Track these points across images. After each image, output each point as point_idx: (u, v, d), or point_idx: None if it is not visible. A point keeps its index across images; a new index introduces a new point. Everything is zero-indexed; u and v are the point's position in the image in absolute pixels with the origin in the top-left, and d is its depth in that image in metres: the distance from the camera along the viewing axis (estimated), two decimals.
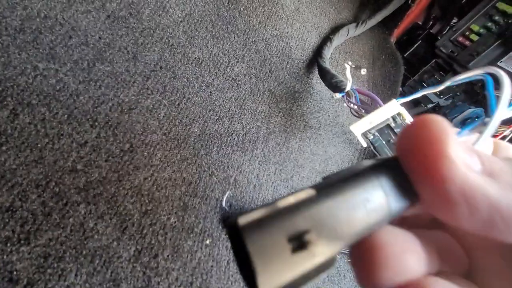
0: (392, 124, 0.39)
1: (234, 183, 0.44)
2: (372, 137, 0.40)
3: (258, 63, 0.50)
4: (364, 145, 0.40)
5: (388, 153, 0.40)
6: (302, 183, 0.53)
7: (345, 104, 0.45)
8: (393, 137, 0.39)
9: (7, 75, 0.30)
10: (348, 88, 0.44)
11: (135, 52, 0.38)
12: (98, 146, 0.34)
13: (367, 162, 0.09)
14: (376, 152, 0.41)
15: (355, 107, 0.42)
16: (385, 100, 0.41)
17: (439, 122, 0.08)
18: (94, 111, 0.34)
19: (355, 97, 0.44)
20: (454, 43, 0.65)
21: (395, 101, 0.37)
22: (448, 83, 0.30)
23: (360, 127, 0.39)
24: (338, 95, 0.44)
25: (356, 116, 0.45)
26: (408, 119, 0.38)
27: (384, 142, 0.40)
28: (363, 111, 0.43)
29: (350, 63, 0.45)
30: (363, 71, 0.46)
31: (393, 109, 0.37)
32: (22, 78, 0.31)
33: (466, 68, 0.61)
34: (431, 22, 0.74)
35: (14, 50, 0.31)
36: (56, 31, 0.33)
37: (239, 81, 0.47)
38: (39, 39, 0.32)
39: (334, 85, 0.47)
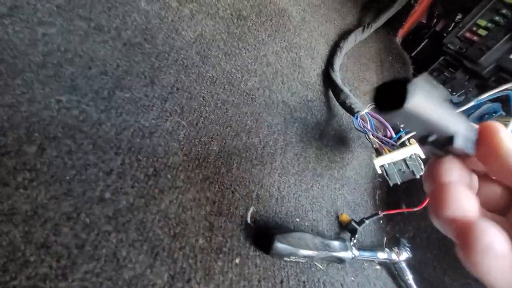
0: (407, 158, 0.44)
1: (256, 198, 0.43)
2: (387, 166, 0.45)
3: (270, 75, 0.50)
4: (379, 172, 0.45)
5: (398, 180, 0.45)
6: (323, 192, 0.53)
7: (366, 136, 0.47)
8: (404, 167, 0.45)
9: (33, 111, 0.31)
10: (362, 112, 0.45)
11: (152, 76, 0.38)
12: (124, 173, 0.34)
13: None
14: (387, 178, 0.46)
15: (374, 138, 0.45)
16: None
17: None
18: (117, 139, 0.35)
19: (369, 121, 0.45)
20: (461, 39, 0.64)
21: (417, 145, 0.42)
22: (472, 103, 0.34)
23: (382, 161, 0.44)
24: (356, 123, 0.47)
25: (371, 144, 0.47)
26: (421, 155, 0.43)
27: (396, 170, 0.45)
28: (378, 141, 0.45)
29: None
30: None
31: (413, 150, 0.43)
32: (47, 112, 0.31)
33: (476, 64, 0.61)
34: (435, 20, 0.74)
35: (38, 85, 0.31)
36: (76, 63, 0.34)
37: (253, 95, 0.47)
38: (60, 72, 0.33)
39: (348, 106, 0.48)
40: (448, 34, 0.67)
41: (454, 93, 0.64)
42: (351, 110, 0.47)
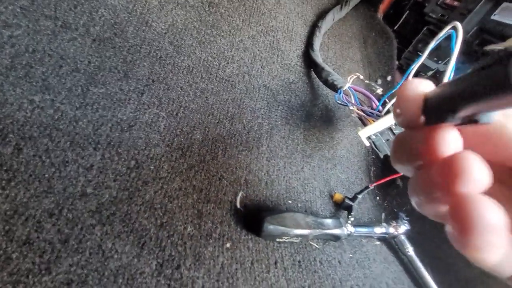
0: (393, 126, 0.42)
1: (245, 183, 0.43)
2: (374, 137, 0.44)
3: (248, 60, 0.49)
4: (367, 144, 0.44)
5: (387, 150, 0.44)
6: (314, 173, 0.52)
7: (353, 113, 0.46)
8: (392, 137, 0.44)
9: (5, 113, 0.31)
10: (345, 87, 0.44)
11: (125, 70, 0.38)
12: (105, 168, 0.34)
13: None
14: (376, 150, 0.45)
15: (358, 111, 0.43)
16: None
17: None
18: (95, 134, 0.35)
19: (353, 95, 0.44)
20: (442, 6, 0.63)
21: None
22: (429, 49, 0.32)
23: (367, 132, 0.42)
24: (338, 97, 0.45)
25: (357, 117, 0.46)
26: None
27: (384, 141, 0.43)
28: (364, 114, 0.43)
29: (361, 77, 0.45)
30: (379, 91, 0.46)
31: None
32: (21, 113, 0.31)
33: None
34: None
35: (8, 87, 0.31)
36: (46, 63, 0.34)
37: (232, 81, 0.47)
38: (31, 73, 0.33)
39: (330, 83, 0.47)
40: (429, 3, 0.66)
41: (440, 62, 0.63)
42: (334, 87, 0.47)
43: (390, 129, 0.43)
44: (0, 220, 0.26)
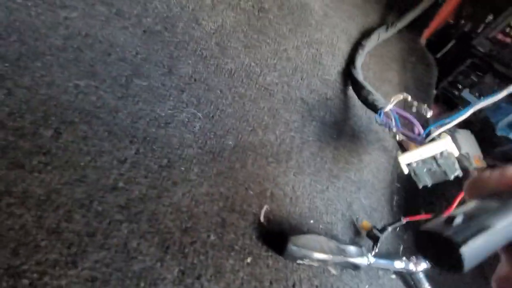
0: (438, 156, 0.39)
1: (270, 197, 0.42)
2: (415, 165, 0.40)
3: (289, 71, 0.48)
4: (406, 172, 0.41)
5: (428, 182, 0.40)
6: (338, 194, 0.51)
7: (389, 133, 0.43)
8: (434, 166, 0.40)
9: (51, 94, 0.30)
10: (387, 108, 0.42)
11: (170, 65, 0.38)
12: (138, 163, 0.33)
13: None
14: (415, 179, 0.41)
15: (400, 134, 0.41)
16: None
17: None
18: (133, 127, 0.34)
19: (394, 118, 0.42)
20: (492, 41, 0.61)
21: (449, 138, 0.37)
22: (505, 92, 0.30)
23: (408, 158, 0.39)
24: (378, 119, 0.43)
25: (396, 140, 0.43)
26: (454, 152, 0.38)
27: (424, 170, 0.40)
28: (405, 138, 0.41)
29: (409, 98, 0.42)
30: (429, 114, 0.42)
31: (445, 146, 0.37)
32: (65, 97, 0.31)
33: (508, 67, 0.58)
34: (463, 21, 0.71)
35: (57, 69, 0.31)
36: (96, 48, 0.33)
37: (271, 90, 0.46)
38: (80, 57, 0.33)
39: (370, 103, 0.45)
40: (478, 36, 0.64)
41: (482, 98, 0.60)
42: (374, 107, 0.45)
43: (434, 158, 0.40)
44: (33, 205, 0.26)
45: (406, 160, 0.38)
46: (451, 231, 0.11)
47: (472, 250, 0.10)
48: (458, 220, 0.11)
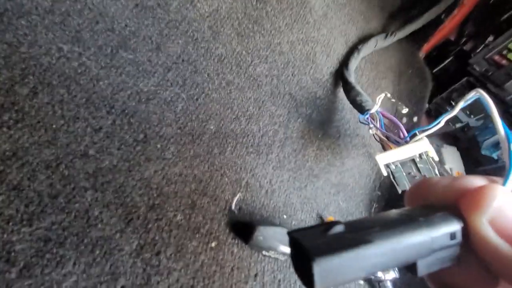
0: (417, 159, 0.38)
1: (245, 186, 0.42)
2: (394, 167, 0.40)
3: (281, 65, 0.48)
4: (385, 174, 0.40)
5: (406, 184, 0.40)
6: (316, 194, 0.51)
7: (370, 131, 0.43)
8: (414, 171, 0.39)
9: (32, 54, 0.30)
10: (373, 110, 0.42)
11: (159, 42, 0.38)
12: (112, 133, 0.33)
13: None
14: (394, 182, 0.41)
15: (380, 135, 0.40)
16: (411, 116, 0.39)
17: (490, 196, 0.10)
18: (112, 98, 0.34)
19: (379, 120, 0.42)
20: (489, 61, 0.61)
21: (426, 139, 0.36)
22: (460, 106, 0.29)
23: (386, 158, 0.39)
24: (362, 117, 0.43)
25: (377, 141, 0.44)
26: (434, 157, 0.37)
27: (404, 174, 0.40)
28: (386, 139, 0.41)
29: (389, 95, 0.43)
30: (404, 110, 0.43)
31: (423, 147, 0.37)
32: (46, 58, 0.31)
33: (501, 89, 0.58)
34: (464, 39, 0.71)
35: (41, 30, 0.31)
36: (84, 15, 0.33)
37: (260, 81, 0.46)
38: (67, 21, 0.32)
39: (358, 104, 0.45)
40: (476, 55, 0.64)
41: (472, 116, 0.61)
42: (361, 108, 0.45)
43: (414, 162, 0.40)
44: None
45: (384, 160, 0.38)
46: (315, 240, 0.09)
47: (329, 267, 0.08)
48: (338, 229, 0.09)
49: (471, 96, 0.20)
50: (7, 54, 0.29)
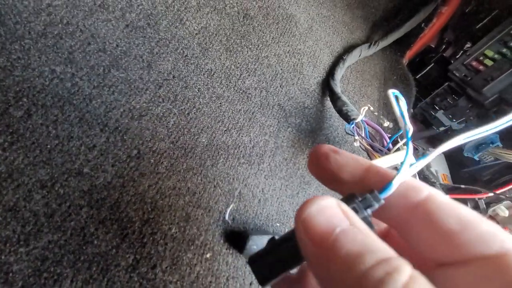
0: (399, 166, 0.40)
1: (238, 196, 0.43)
2: None
3: (269, 77, 0.50)
4: None
5: None
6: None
7: (356, 142, 0.45)
8: None
9: (25, 77, 0.31)
10: (358, 119, 0.44)
11: (149, 60, 0.39)
12: (106, 151, 0.34)
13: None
14: None
15: (365, 144, 0.43)
16: (395, 121, 0.41)
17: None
18: (106, 116, 0.35)
19: (364, 129, 0.44)
20: (467, 67, 0.64)
21: (410, 149, 0.38)
22: (397, 111, 0.30)
23: None
24: (348, 127, 0.45)
25: (363, 150, 0.46)
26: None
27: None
28: (371, 148, 0.43)
29: (372, 108, 0.45)
30: (386, 123, 0.46)
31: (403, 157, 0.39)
32: (39, 80, 0.32)
33: (479, 93, 0.61)
34: (444, 46, 0.74)
35: (35, 53, 0.32)
36: (76, 37, 0.34)
37: (249, 94, 0.48)
38: (59, 43, 0.34)
39: (344, 113, 0.47)
40: (455, 61, 0.67)
41: (454, 120, 0.63)
42: (347, 117, 0.47)
43: (396, 169, 0.42)
44: None
45: None
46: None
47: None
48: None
49: (391, 98, 0.22)
50: (1, 78, 0.30)
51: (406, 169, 0.12)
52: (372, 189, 0.12)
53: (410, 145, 0.13)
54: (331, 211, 0.11)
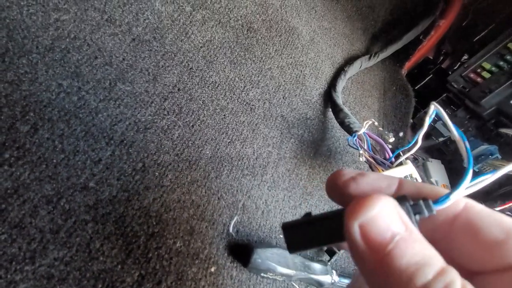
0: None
1: (242, 208, 0.43)
2: None
3: (272, 89, 0.51)
4: None
5: None
6: (311, 211, 0.52)
7: (360, 158, 0.45)
8: None
9: (32, 91, 0.31)
10: (360, 131, 0.45)
11: (155, 74, 0.39)
12: (112, 164, 0.34)
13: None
14: None
15: (368, 156, 0.43)
16: (397, 131, 0.42)
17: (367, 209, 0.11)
18: (111, 129, 0.35)
19: (366, 141, 0.45)
20: (465, 79, 0.65)
21: (411, 164, 0.40)
22: (427, 121, 0.32)
23: None
24: (351, 140, 0.45)
25: (366, 163, 0.46)
26: (418, 178, 0.41)
27: None
28: (374, 161, 0.43)
29: (376, 123, 0.46)
30: (391, 139, 0.46)
31: (407, 170, 0.40)
32: (46, 94, 0.32)
33: (477, 105, 0.62)
34: (441, 57, 0.76)
35: (42, 67, 0.32)
36: (83, 51, 0.35)
37: (253, 105, 0.48)
38: (67, 58, 0.34)
39: (346, 125, 0.48)
40: (453, 72, 0.68)
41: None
42: (349, 129, 0.47)
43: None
44: None
45: None
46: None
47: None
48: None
49: (432, 110, 0.22)
50: (9, 93, 0.30)
51: (467, 185, 0.11)
52: (426, 198, 0.12)
53: (471, 161, 0.13)
54: (390, 216, 0.10)
